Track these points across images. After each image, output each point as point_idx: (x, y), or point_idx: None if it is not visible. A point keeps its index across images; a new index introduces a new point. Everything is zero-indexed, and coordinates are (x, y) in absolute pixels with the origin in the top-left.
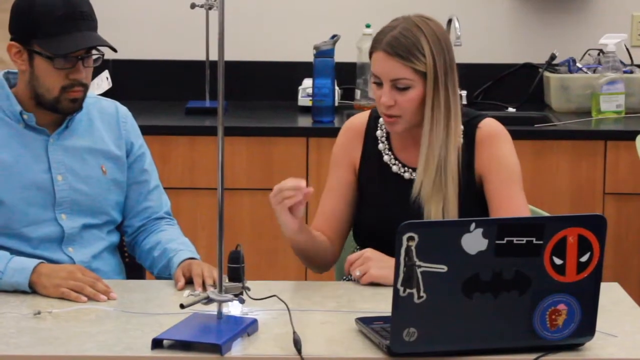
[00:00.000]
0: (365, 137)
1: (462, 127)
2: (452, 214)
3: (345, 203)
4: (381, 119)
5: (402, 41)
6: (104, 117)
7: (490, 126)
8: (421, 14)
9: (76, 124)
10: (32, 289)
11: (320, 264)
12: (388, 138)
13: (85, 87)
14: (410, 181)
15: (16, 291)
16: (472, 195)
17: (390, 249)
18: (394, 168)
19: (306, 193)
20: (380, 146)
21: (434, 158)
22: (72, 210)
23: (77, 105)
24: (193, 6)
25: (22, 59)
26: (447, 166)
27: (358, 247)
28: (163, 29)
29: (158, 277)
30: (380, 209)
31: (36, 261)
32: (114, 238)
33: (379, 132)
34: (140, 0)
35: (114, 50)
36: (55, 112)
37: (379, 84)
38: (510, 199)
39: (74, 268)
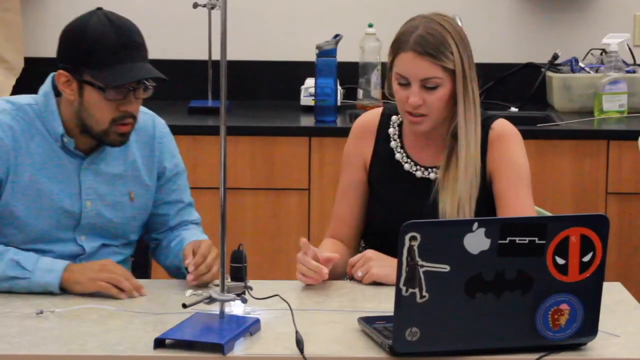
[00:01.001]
0: (377, 134)
1: None
2: (468, 214)
3: (360, 204)
4: (394, 117)
5: (430, 40)
6: (140, 137)
7: (502, 127)
8: (438, 12)
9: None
10: (63, 289)
11: (342, 275)
12: (400, 136)
13: (135, 120)
14: (423, 180)
15: (44, 293)
16: (483, 195)
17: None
18: (406, 166)
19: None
20: (392, 144)
21: (471, 158)
22: (93, 233)
23: (124, 139)
24: (195, 6)
25: (71, 89)
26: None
27: (364, 245)
28: (165, 29)
29: (169, 268)
30: (390, 207)
31: (65, 262)
32: (129, 251)
33: (391, 130)
34: (142, 0)
35: (166, 81)
36: (101, 143)
37: (405, 85)
38: (517, 199)
39: (105, 261)
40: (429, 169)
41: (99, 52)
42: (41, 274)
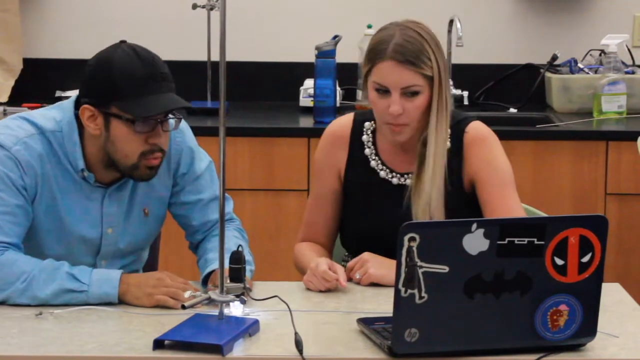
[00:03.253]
0: (350, 142)
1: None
2: (438, 216)
3: (333, 213)
4: (367, 123)
5: (409, 48)
6: None
7: (477, 130)
8: (409, 19)
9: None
10: (121, 300)
11: None
12: (374, 143)
13: (164, 154)
14: (399, 187)
15: (101, 303)
16: (461, 199)
17: (381, 254)
18: (382, 174)
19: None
20: (367, 151)
21: (438, 165)
22: (113, 257)
23: (154, 172)
24: (195, 7)
25: (95, 124)
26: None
27: (347, 254)
28: (164, 30)
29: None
30: (368, 214)
31: (119, 271)
32: (140, 264)
33: (365, 137)
34: (142, 1)
35: (193, 111)
36: (129, 177)
37: (384, 93)
38: (505, 200)
39: (162, 275)
40: (405, 175)
41: (127, 84)
42: (98, 285)
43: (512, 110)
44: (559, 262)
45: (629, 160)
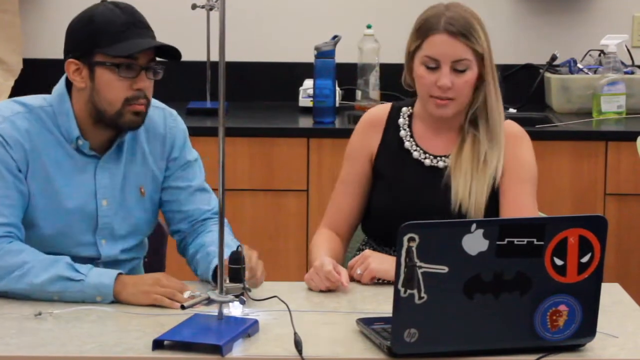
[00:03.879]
0: (386, 125)
1: None
2: (480, 204)
3: (360, 196)
4: (404, 109)
5: (461, 22)
6: (150, 132)
7: (512, 127)
8: (454, 1)
9: (123, 143)
10: (117, 299)
11: None
12: (410, 126)
13: (148, 102)
14: (431, 168)
15: (97, 301)
16: (490, 193)
17: None
18: (415, 154)
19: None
20: (402, 133)
21: (496, 149)
22: (112, 236)
23: (140, 119)
24: (194, 7)
25: (81, 76)
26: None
27: (364, 242)
28: (164, 30)
29: (201, 280)
30: (398, 193)
31: (117, 271)
32: (142, 252)
33: (401, 120)
34: (141, 1)
35: (179, 56)
36: (116, 127)
37: (433, 68)
38: (520, 196)
39: (159, 275)
40: (438, 158)
41: (109, 30)
42: (95, 276)
43: (512, 110)
44: (559, 262)
45: (629, 161)
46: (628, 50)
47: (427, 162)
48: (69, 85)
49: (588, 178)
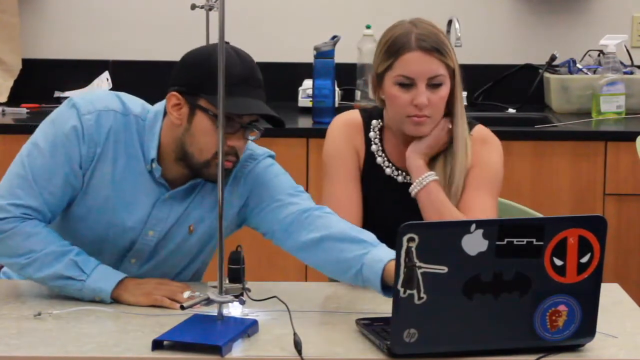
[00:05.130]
0: (364, 132)
1: None
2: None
3: (359, 197)
4: (374, 121)
5: (432, 37)
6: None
7: (481, 132)
8: (416, 17)
9: (198, 185)
10: (114, 299)
11: None
12: (381, 140)
13: (238, 160)
14: (405, 185)
15: (92, 301)
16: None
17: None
18: (388, 171)
19: None
20: (374, 147)
21: (463, 162)
22: (143, 260)
23: (226, 174)
24: (193, 7)
25: (179, 113)
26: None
27: None
28: (163, 30)
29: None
30: (373, 210)
31: (123, 274)
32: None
33: (372, 134)
34: (141, 1)
35: (282, 125)
36: (197, 175)
37: (407, 86)
38: (475, 199)
39: (162, 280)
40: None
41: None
42: (96, 279)
43: (511, 110)
44: (558, 262)
45: (628, 161)
46: (627, 50)
47: (400, 178)
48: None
49: (587, 178)
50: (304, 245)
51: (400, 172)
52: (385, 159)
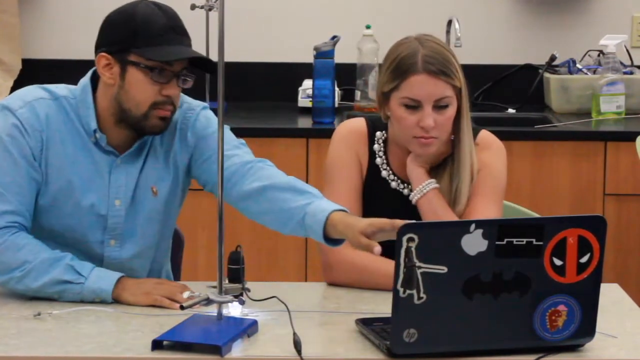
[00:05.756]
0: (369, 143)
1: None
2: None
3: (360, 207)
4: (378, 133)
5: (438, 59)
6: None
7: (486, 139)
8: (422, 33)
9: (145, 144)
10: (115, 299)
11: None
12: (385, 152)
13: (174, 108)
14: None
15: (95, 301)
16: None
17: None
18: (393, 184)
19: None
20: (378, 160)
21: (468, 178)
22: (121, 237)
23: (164, 125)
24: (193, 7)
25: (111, 72)
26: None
27: None
28: None
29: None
30: None
31: (119, 273)
32: (160, 258)
33: (376, 147)
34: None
35: (213, 68)
36: (138, 130)
37: (413, 107)
38: (478, 206)
39: (161, 279)
40: None
41: (148, 32)
42: (94, 280)
43: (511, 110)
44: (558, 262)
45: (628, 161)
46: (627, 50)
47: (406, 191)
48: (94, 80)
49: (587, 178)
50: (245, 195)
51: (405, 185)
52: (391, 172)
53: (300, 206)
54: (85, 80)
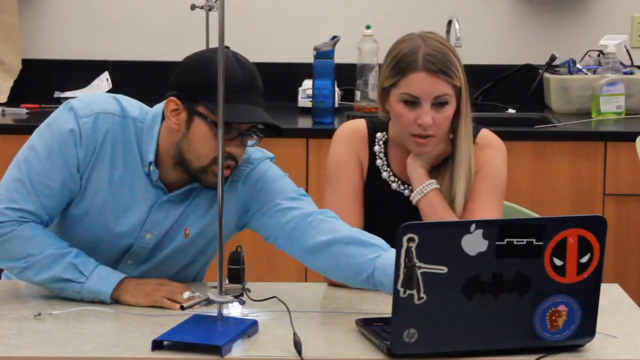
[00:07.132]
0: (369, 144)
1: None
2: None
3: (361, 208)
4: (379, 134)
5: (439, 58)
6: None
7: (486, 138)
8: (428, 31)
9: (195, 189)
10: (114, 300)
11: None
12: (386, 154)
13: (236, 165)
14: (409, 198)
15: (93, 301)
16: None
17: None
18: (394, 185)
19: None
20: (379, 162)
21: (465, 176)
22: (140, 261)
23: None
24: (193, 7)
25: (178, 118)
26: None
27: None
28: (163, 30)
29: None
30: (380, 225)
31: (122, 275)
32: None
33: (376, 148)
34: (140, 1)
35: (280, 133)
36: (195, 181)
37: (412, 104)
38: (478, 206)
39: (162, 280)
40: None
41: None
42: (95, 281)
43: (511, 110)
44: (558, 262)
45: (628, 161)
46: (627, 50)
47: (407, 192)
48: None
49: (587, 178)
50: (310, 250)
51: (406, 186)
52: (391, 173)
53: (369, 260)
54: (159, 108)
